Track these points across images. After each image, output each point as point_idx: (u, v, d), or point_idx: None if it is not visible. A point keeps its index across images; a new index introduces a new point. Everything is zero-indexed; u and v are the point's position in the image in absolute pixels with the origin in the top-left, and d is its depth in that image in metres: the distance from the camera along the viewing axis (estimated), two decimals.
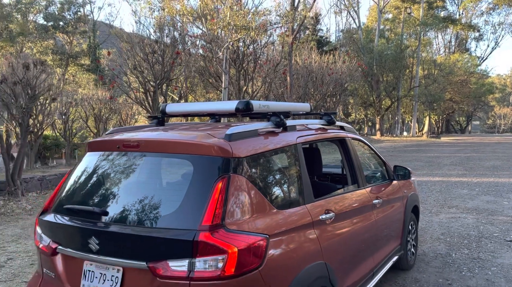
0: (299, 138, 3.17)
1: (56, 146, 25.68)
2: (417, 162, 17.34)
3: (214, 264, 2.21)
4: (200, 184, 2.40)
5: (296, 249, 2.69)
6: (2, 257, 6.04)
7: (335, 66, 24.46)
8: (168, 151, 2.61)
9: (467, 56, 46.19)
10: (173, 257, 2.25)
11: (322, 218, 3.03)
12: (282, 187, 2.94)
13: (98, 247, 2.44)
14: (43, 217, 2.84)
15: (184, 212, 2.35)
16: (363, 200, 3.83)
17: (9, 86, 10.41)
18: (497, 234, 6.63)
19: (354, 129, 4.46)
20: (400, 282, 4.82)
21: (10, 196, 10.32)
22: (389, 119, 47.14)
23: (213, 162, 2.44)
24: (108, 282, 2.45)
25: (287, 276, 2.54)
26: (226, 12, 15.27)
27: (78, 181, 2.86)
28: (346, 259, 3.34)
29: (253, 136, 2.75)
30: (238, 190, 2.43)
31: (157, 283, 2.27)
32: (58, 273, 2.68)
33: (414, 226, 5.35)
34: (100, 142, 2.94)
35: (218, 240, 2.22)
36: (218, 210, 2.29)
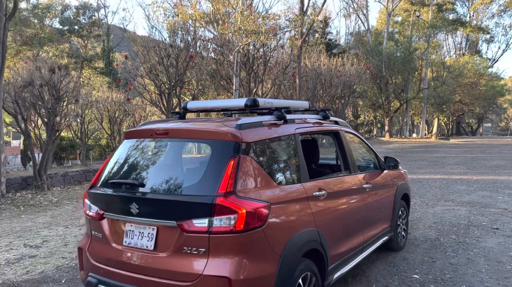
0: (297, 130, 3.85)
1: (72, 147, 26.60)
2: (422, 161, 17.86)
3: (227, 221, 2.90)
4: (217, 162, 3.09)
5: (292, 216, 3.37)
6: (38, 239, 6.80)
7: (343, 68, 25.05)
8: (191, 137, 3.33)
9: (478, 58, 46.35)
10: (196, 217, 2.94)
11: (315, 194, 3.71)
12: (282, 167, 3.62)
13: (138, 211, 3.14)
14: (91, 191, 3.57)
15: (204, 183, 3.05)
16: (354, 183, 4.49)
17: (36, 88, 11.24)
18: (485, 223, 7.22)
19: (347, 124, 5.11)
20: (390, 260, 5.45)
21: (37, 189, 11.16)
22: (399, 121, 47.51)
23: (227, 145, 3.13)
24: (145, 238, 3.15)
25: (285, 235, 3.21)
26: (237, 17, 16.01)
27: (119, 161, 3.58)
28: (336, 231, 3.99)
29: (259, 127, 3.44)
30: (246, 167, 3.11)
31: (184, 236, 2.97)
32: (105, 234, 3.39)
33: (405, 212, 5.98)
34: (135, 132, 3.66)
35: (231, 203, 2.91)
36: (231, 181, 2.97)
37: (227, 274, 2.84)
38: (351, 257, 4.36)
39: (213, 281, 2.86)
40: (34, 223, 8.08)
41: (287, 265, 3.14)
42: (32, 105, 11.33)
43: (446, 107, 39.38)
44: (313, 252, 3.52)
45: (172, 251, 3.02)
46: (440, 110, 39.17)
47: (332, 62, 24.81)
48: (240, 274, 2.87)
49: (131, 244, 3.22)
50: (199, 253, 2.93)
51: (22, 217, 8.69)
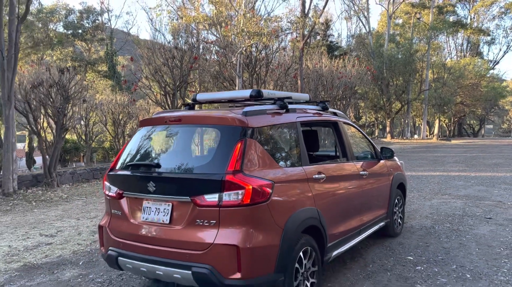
0: (298, 118, 4.20)
1: (76, 149, 26.97)
2: (422, 160, 18.17)
3: (235, 196, 3.24)
4: (225, 145, 3.44)
5: (294, 195, 3.71)
6: (52, 230, 7.16)
7: (345, 70, 25.40)
8: (202, 122, 3.69)
9: (479, 60, 46.64)
10: (208, 192, 3.28)
11: (315, 177, 4.05)
12: (284, 152, 3.97)
13: (154, 189, 3.49)
14: (110, 173, 3.92)
15: (215, 163, 3.40)
16: (351, 170, 4.83)
17: (46, 88, 11.63)
18: (479, 213, 7.53)
19: (346, 115, 5.45)
20: (387, 244, 5.78)
21: (47, 186, 11.53)
22: (401, 123, 47.80)
23: (235, 130, 3.48)
24: (161, 213, 3.50)
25: (287, 211, 3.56)
26: (240, 20, 16.39)
27: (135, 147, 3.94)
28: (334, 212, 4.33)
29: (263, 114, 3.79)
30: (252, 150, 3.46)
31: (197, 210, 3.31)
32: (124, 211, 3.74)
33: (401, 200, 6.31)
34: (150, 119, 4.01)
35: (239, 180, 3.25)
36: (238, 161, 3.32)
37: (235, 243, 3.18)
38: (349, 238, 4.69)
39: (223, 249, 3.20)
40: (46, 216, 8.44)
41: (289, 238, 3.48)
42: (42, 105, 11.70)
43: (447, 109, 39.68)
44: (313, 228, 3.86)
45: (186, 224, 3.37)
46: (441, 111, 39.49)
47: (333, 63, 25.16)
48: (247, 243, 3.21)
49: (148, 219, 3.57)
50: (210, 225, 3.27)
51: (35, 211, 9.05)
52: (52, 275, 4.93)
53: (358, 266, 4.97)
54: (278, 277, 3.40)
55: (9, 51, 10.26)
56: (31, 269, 5.16)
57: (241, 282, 3.20)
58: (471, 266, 4.88)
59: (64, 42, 37.53)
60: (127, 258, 3.63)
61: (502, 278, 4.51)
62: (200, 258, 3.25)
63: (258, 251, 3.27)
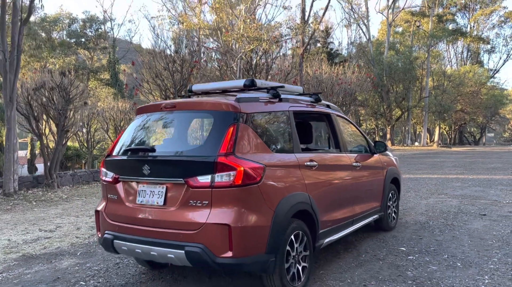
0: (291, 107, 4.31)
1: (77, 156, 27.13)
2: (420, 165, 18.24)
3: (227, 177, 3.34)
4: (218, 129, 3.54)
5: (286, 179, 3.81)
6: (52, 226, 7.25)
7: (344, 76, 25.56)
8: (196, 108, 3.80)
9: (478, 68, 46.82)
10: (200, 174, 3.38)
11: (307, 164, 4.15)
12: (276, 138, 4.07)
13: (149, 172, 3.59)
14: (107, 159, 4.03)
15: (208, 146, 3.50)
16: (344, 161, 4.93)
17: (48, 90, 11.79)
18: (474, 211, 7.60)
19: (339, 109, 5.56)
20: (380, 237, 5.86)
21: (48, 187, 11.63)
22: (402, 131, 47.87)
23: (227, 115, 3.59)
24: (156, 196, 3.60)
25: (279, 194, 3.65)
26: (240, 25, 16.60)
27: (131, 133, 4.05)
28: (326, 199, 4.41)
29: (255, 102, 3.90)
30: (244, 134, 3.56)
31: (190, 191, 3.41)
32: (120, 195, 3.84)
33: (395, 195, 6.40)
34: (147, 107, 4.13)
35: (230, 162, 3.35)
36: (230, 144, 3.42)
37: (227, 222, 3.28)
38: (341, 227, 4.78)
39: (215, 228, 3.29)
40: (46, 214, 8.53)
41: (280, 220, 3.56)
42: (43, 107, 11.84)
43: (448, 116, 39.78)
44: (304, 213, 3.95)
45: (179, 205, 3.47)
46: (441, 118, 39.59)
47: (333, 70, 25.33)
48: (239, 222, 3.30)
49: (143, 202, 3.67)
50: (203, 205, 3.37)
51: (35, 210, 9.15)
52: (50, 264, 5.02)
53: (351, 256, 5.04)
54: (269, 258, 3.48)
55: (11, 53, 10.43)
56: (30, 259, 5.24)
57: (233, 260, 3.28)
58: (462, 256, 4.95)
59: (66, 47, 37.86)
60: (122, 240, 3.73)
61: (492, 266, 4.58)
62: (193, 237, 3.34)
63: (249, 231, 3.36)
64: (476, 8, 50.70)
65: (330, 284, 4.12)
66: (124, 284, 4.28)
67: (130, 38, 50.26)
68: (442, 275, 4.34)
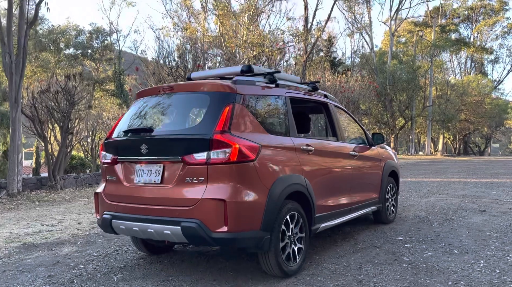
0: (288, 93, 4.40)
1: (82, 165, 27.28)
2: (423, 171, 18.21)
3: (222, 154, 3.41)
4: (215, 108, 3.62)
5: (281, 160, 3.87)
6: (54, 221, 7.32)
7: (348, 84, 25.67)
8: (193, 89, 3.89)
9: (482, 78, 46.83)
10: (197, 151, 3.45)
11: (303, 148, 4.21)
12: (273, 121, 4.15)
13: (147, 151, 3.67)
14: (106, 141, 4.12)
15: (204, 124, 3.57)
16: (341, 149, 4.99)
17: (52, 93, 11.95)
18: (474, 208, 7.60)
19: (336, 99, 5.64)
20: (379, 229, 5.88)
21: (51, 189, 11.73)
22: (406, 142, 47.77)
23: (224, 95, 3.67)
24: (153, 175, 3.67)
25: (274, 173, 3.71)
26: (243, 32, 16.81)
27: (130, 116, 4.14)
28: (323, 184, 4.46)
29: (252, 85, 3.99)
30: (240, 114, 3.64)
31: (186, 169, 3.48)
32: (118, 176, 3.92)
33: (394, 188, 6.43)
34: (145, 91, 4.23)
35: (226, 139, 3.42)
36: (226, 123, 3.50)
37: (222, 197, 3.34)
38: (339, 214, 4.81)
39: (211, 204, 3.35)
40: (49, 212, 8.61)
41: (275, 198, 3.61)
42: (48, 110, 12.00)
43: (452, 125, 39.70)
44: (300, 195, 4.00)
45: (176, 182, 3.54)
46: (445, 127, 39.51)
47: (336, 78, 25.45)
48: (234, 197, 3.36)
49: (141, 181, 3.74)
50: (199, 182, 3.44)
51: (37, 209, 9.22)
52: (50, 251, 5.08)
53: (348, 244, 5.07)
54: (264, 235, 3.53)
55: (17, 55, 10.62)
56: (30, 247, 5.31)
57: (228, 235, 3.33)
58: (459, 244, 4.97)
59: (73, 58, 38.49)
60: (120, 220, 3.79)
61: (488, 253, 4.60)
62: (189, 213, 3.40)
63: (244, 207, 3.42)
64: (479, 19, 50.92)
65: (326, 267, 4.16)
66: (123, 266, 4.33)
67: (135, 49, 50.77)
68: (437, 259, 4.36)
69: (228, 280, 3.83)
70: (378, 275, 3.89)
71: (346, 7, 37.66)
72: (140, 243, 4.55)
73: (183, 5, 20.04)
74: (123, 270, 4.21)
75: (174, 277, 3.95)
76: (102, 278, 3.99)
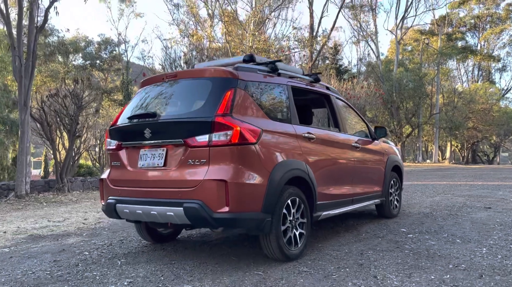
0: (289, 82, 4.47)
1: (90, 174, 27.54)
2: (430, 176, 18.12)
3: (224, 137, 3.48)
4: (217, 93, 3.70)
5: (282, 146, 3.93)
6: (61, 218, 7.41)
7: (353, 91, 25.72)
8: (196, 76, 3.98)
9: (488, 85, 46.64)
10: (199, 134, 3.53)
11: (304, 135, 4.27)
12: (274, 108, 4.20)
13: (150, 135, 3.75)
14: (111, 128, 4.20)
15: (206, 107, 3.65)
16: (342, 139, 5.03)
17: (61, 97, 12.14)
18: (479, 205, 7.57)
19: (338, 92, 5.69)
20: (383, 222, 5.89)
21: (59, 191, 11.85)
22: (414, 151, 47.52)
23: (226, 80, 3.76)
24: (156, 158, 3.74)
25: (275, 157, 3.77)
26: (249, 38, 16.99)
27: (135, 104, 4.23)
28: (325, 172, 4.50)
29: (254, 72, 4.07)
30: (241, 98, 3.72)
31: (189, 151, 3.55)
32: (122, 161, 4.00)
33: (397, 183, 6.44)
34: (150, 79, 4.32)
35: (227, 121, 3.49)
36: (228, 106, 3.58)
37: (224, 178, 3.40)
38: (341, 204, 4.84)
39: (212, 184, 3.41)
40: (56, 211, 8.71)
41: (276, 182, 3.67)
42: (56, 113, 12.17)
43: (459, 133, 39.48)
44: (301, 181, 4.05)
45: (179, 164, 3.61)
46: (452, 135, 39.30)
47: (341, 85, 25.53)
48: (235, 178, 3.42)
49: (145, 165, 3.82)
50: (201, 164, 3.50)
51: (45, 208, 9.33)
52: (56, 241, 5.15)
53: (351, 235, 5.09)
54: (265, 217, 3.57)
55: (27, 59, 10.83)
56: (37, 238, 5.39)
57: (229, 215, 3.38)
58: (462, 235, 4.97)
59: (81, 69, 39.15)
60: (124, 203, 3.86)
61: (491, 242, 4.59)
62: (191, 194, 3.46)
63: (245, 188, 3.47)
64: (486, 28, 50.89)
65: (328, 253, 4.18)
66: (127, 253, 4.39)
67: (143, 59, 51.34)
68: (440, 247, 4.37)
69: (231, 263, 3.87)
70: (379, 260, 3.91)
71: (352, 15, 37.85)
72: (144, 231, 4.61)
73: (189, 13, 20.32)
74: (127, 256, 4.26)
75: (177, 261, 4.00)
76: (106, 262, 4.05)
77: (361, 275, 3.49)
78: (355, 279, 3.39)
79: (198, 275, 3.56)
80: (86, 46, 46.47)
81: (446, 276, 3.42)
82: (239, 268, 3.71)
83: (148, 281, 3.43)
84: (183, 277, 3.51)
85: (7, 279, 3.62)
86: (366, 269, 3.63)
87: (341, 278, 3.41)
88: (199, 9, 23.22)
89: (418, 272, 3.54)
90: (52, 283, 3.48)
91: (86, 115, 13.35)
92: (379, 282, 3.30)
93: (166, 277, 3.53)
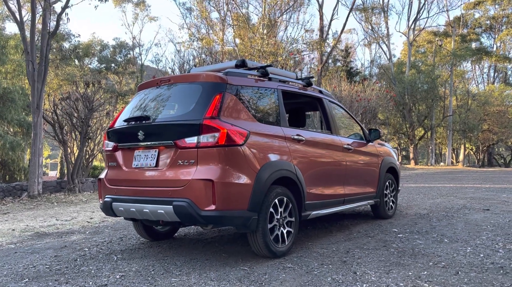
0: (280, 87, 4.65)
1: None
2: (440, 178, 18.05)
3: (212, 139, 3.67)
4: (206, 97, 3.90)
5: (270, 147, 4.11)
6: (68, 217, 7.69)
7: (364, 93, 25.69)
8: (188, 80, 4.19)
9: (504, 87, 46.01)
10: (187, 136, 3.73)
11: (293, 137, 4.44)
12: (263, 111, 4.38)
13: (144, 137, 3.97)
14: (109, 130, 4.44)
15: (195, 111, 3.85)
16: (333, 141, 5.18)
17: (73, 101, 12.50)
18: (479, 207, 7.62)
19: (332, 95, 5.84)
20: (377, 222, 6.01)
21: (70, 192, 12.20)
22: (427, 153, 47.10)
23: (215, 84, 3.96)
24: (149, 159, 3.96)
25: (262, 158, 3.94)
26: (258, 41, 17.19)
27: (131, 107, 4.46)
28: (314, 173, 4.65)
29: (244, 77, 4.26)
30: (230, 102, 3.91)
31: (178, 152, 3.76)
32: (118, 162, 4.22)
33: (393, 185, 6.54)
34: (146, 83, 4.55)
35: (215, 124, 3.69)
36: (216, 109, 3.77)
37: (210, 177, 3.59)
38: (331, 204, 4.99)
39: (200, 184, 3.60)
40: (65, 211, 9.01)
41: (263, 181, 3.84)
42: (68, 116, 12.54)
43: (474, 136, 39.03)
44: (289, 181, 4.22)
45: (169, 165, 3.81)
46: (466, 137, 38.89)
47: (352, 87, 25.53)
48: (221, 178, 3.61)
49: (138, 165, 4.04)
50: (190, 164, 3.70)
51: (55, 208, 9.65)
52: (59, 238, 5.41)
53: (342, 234, 5.23)
54: (251, 215, 3.75)
55: (39, 64, 11.21)
56: (42, 235, 5.66)
57: (216, 213, 3.57)
58: (452, 235, 5.06)
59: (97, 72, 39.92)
60: (120, 202, 4.08)
61: (478, 242, 4.69)
62: (180, 193, 3.66)
63: (231, 187, 3.66)
64: (502, 29, 50.24)
65: (315, 251, 4.34)
66: (124, 249, 4.61)
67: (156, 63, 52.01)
68: (426, 246, 4.48)
69: (220, 260, 4.06)
70: (364, 258, 4.05)
71: (363, 17, 37.79)
72: (141, 229, 4.83)
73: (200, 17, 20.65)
74: (123, 252, 4.48)
75: (170, 257, 4.20)
76: (103, 258, 4.28)
77: (341, 271, 3.64)
78: (335, 274, 3.54)
79: (187, 269, 3.75)
80: (101, 50, 47.32)
81: (424, 272, 3.55)
82: (227, 264, 3.90)
83: (139, 275, 3.64)
84: (172, 272, 3.71)
85: (9, 272, 3.87)
86: (348, 266, 3.78)
87: (322, 274, 3.56)
88: (211, 12, 23.57)
89: (397, 268, 3.68)
90: (50, 276, 3.71)
91: (100, 118, 13.66)
92: (358, 277, 3.45)
93: (156, 271, 3.74)
